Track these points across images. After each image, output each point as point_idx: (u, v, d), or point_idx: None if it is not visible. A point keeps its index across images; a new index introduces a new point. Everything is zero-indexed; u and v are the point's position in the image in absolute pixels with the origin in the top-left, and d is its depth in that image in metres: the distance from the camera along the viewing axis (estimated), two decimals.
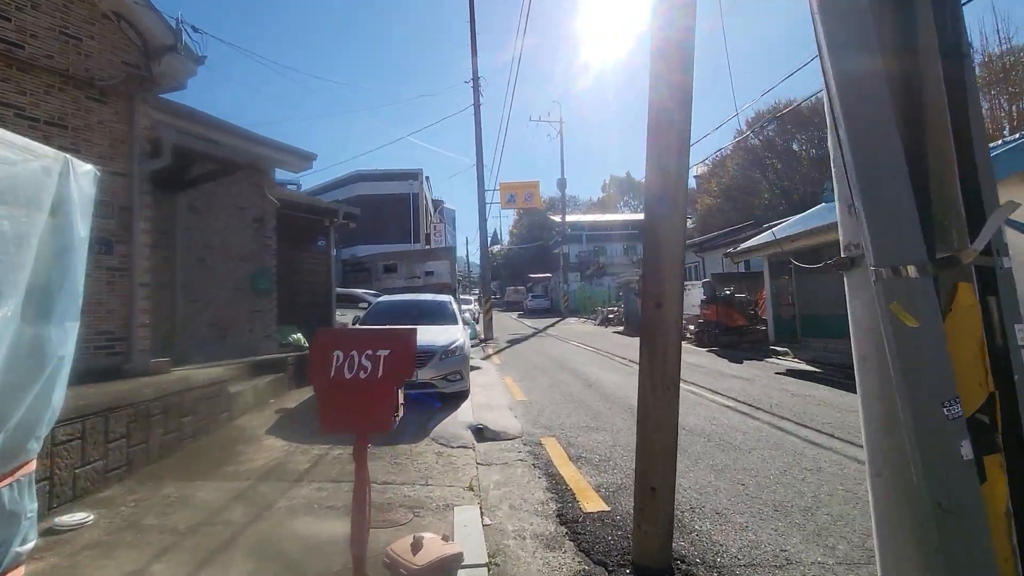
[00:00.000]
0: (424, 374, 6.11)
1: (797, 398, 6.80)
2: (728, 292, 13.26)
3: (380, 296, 9.01)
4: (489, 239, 19.44)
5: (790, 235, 10.21)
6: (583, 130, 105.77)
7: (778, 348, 11.41)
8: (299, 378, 7.53)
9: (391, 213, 23.52)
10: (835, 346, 10.08)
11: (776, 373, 8.94)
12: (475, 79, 18.15)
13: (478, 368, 10.24)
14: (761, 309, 13.59)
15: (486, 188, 18.49)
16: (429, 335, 6.67)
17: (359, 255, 20.64)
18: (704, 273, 28.87)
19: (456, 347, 6.52)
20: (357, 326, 7.36)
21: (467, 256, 66.45)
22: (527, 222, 68.00)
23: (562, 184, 32.89)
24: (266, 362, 7.00)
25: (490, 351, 14.17)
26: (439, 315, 7.83)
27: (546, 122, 32.24)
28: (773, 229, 13.59)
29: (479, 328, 19.04)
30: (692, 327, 15.90)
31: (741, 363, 10.23)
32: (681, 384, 7.63)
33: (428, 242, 23.31)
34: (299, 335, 8.99)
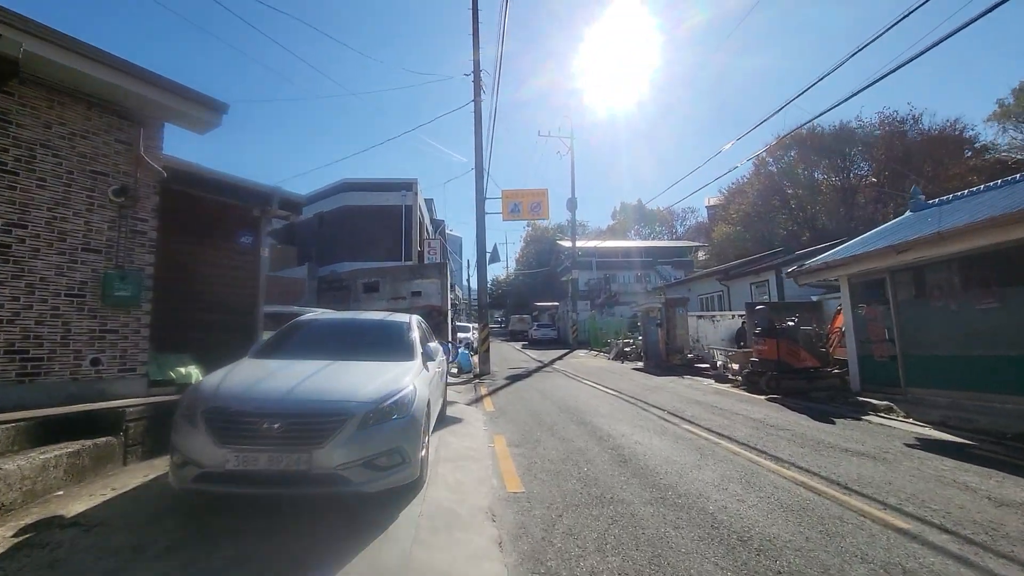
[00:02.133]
0: (326, 458, 3.16)
1: (1017, 513, 3.76)
2: (791, 322, 10.27)
3: (311, 313, 6.14)
4: (489, 255, 16.63)
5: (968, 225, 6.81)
6: (593, 160, 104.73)
7: (871, 400, 8.33)
8: (153, 442, 4.61)
9: (381, 227, 20.86)
10: (971, 402, 7.04)
11: (906, 445, 5.88)
12: (476, 71, 15.77)
13: (458, 421, 7.26)
14: (832, 345, 10.56)
15: (486, 197, 15.83)
16: (346, 379, 3.77)
17: (340, 272, 17.92)
18: (729, 304, 25.83)
19: (397, 403, 3.59)
20: (249, 359, 4.47)
21: (468, 282, 63.78)
22: (534, 249, 65.62)
23: (572, 204, 30.37)
24: (72, 418, 4.09)
25: (483, 391, 11.18)
26: (386, 344, 4.91)
27: (556, 137, 30.07)
28: (848, 244, 10.71)
29: (474, 360, 16.05)
30: (736, 366, 12.86)
31: (832, 423, 7.18)
32: (770, 462, 3.27)
33: (421, 261, 20.65)
34: (191, 368, 6.11)
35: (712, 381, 12.55)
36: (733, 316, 19.28)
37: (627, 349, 21.05)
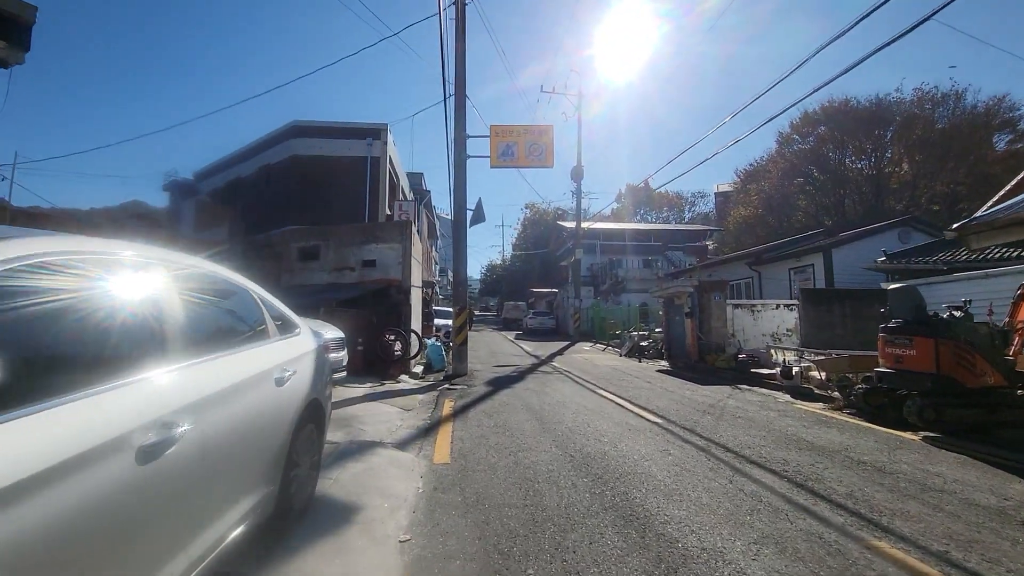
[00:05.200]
0: None
1: None
2: (960, 312, 6.15)
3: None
4: (472, 212, 12.45)
5: None
6: (597, 144, 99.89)
7: None
8: None
9: (340, 185, 16.56)
10: None
11: None
12: None
13: (345, 520, 3.12)
14: (1015, 351, 6.47)
15: (469, 136, 11.60)
16: None
17: (273, 235, 13.69)
18: (760, 292, 21.77)
19: None
20: None
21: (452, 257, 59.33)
22: (532, 233, 61.40)
23: (578, 173, 26.14)
24: None
25: (447, 409, 7.11)
26: None
27: (560, 94, 25.73)
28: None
29: (448, 358, 11.95)
30: (821, 375, 8.77)
31: None
32: None
33: None
34: None
35: (789, 397, 8.52)
36: (777, 306, 15.36)
37: (644, 344, 17.01)
